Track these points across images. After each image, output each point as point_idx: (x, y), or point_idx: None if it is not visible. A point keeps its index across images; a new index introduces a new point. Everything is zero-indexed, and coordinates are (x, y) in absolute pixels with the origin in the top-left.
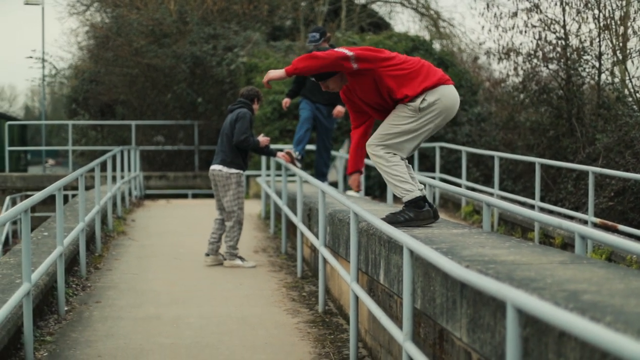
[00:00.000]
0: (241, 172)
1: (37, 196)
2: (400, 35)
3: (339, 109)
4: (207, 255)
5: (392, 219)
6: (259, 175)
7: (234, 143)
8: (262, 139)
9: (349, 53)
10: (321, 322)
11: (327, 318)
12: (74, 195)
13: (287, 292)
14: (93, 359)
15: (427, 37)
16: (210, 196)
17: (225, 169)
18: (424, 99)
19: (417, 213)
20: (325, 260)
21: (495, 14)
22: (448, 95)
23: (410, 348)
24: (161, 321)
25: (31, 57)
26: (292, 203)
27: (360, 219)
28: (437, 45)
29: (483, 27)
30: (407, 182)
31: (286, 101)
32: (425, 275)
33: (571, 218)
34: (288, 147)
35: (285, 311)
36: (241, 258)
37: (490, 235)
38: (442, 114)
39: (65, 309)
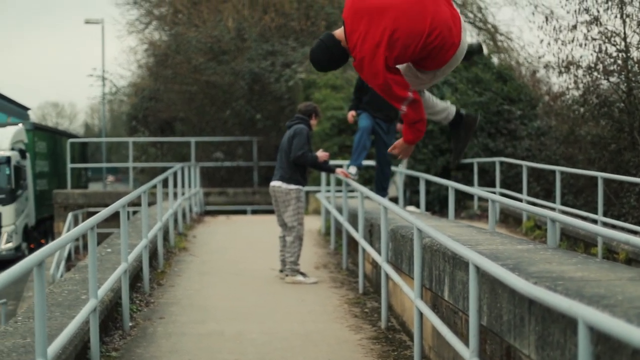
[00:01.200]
0: (300, 187)
1: (103, 213)
2: None
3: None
4: (281, 271)
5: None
6: (319, 191)
7: (292, 159)
8: (320, 154)
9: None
10: (384, 338)
11: (390, 334)
12: (134, 212)
13: (349, 309)
14: None
15: (485, 51)
16: (270, 212)
17: (284, 185)
18: None
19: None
20: (387, 277)
21: (554, 27)
22: None
23: None
24: (224, 337)
25: (92, 75)
26: (352, 219)
27: (424, 234)
28: (495, 59)
29: (542, 40)
30: None
31: (352, 114)
32: (491, 291)
33: (635, 233)
34: (347, 163)
35: (348, 327)
36: (303, 274)
37: (556, 251)
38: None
39: (130, 324)
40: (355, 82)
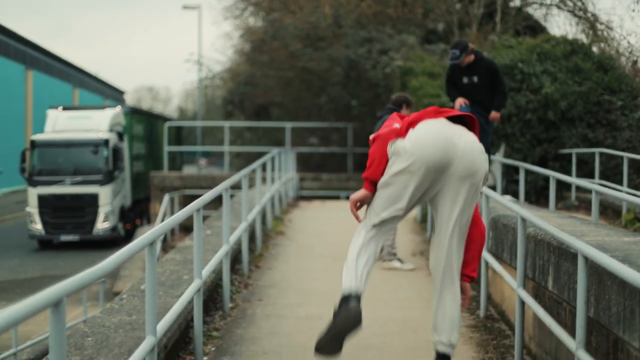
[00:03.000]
0: None
1: (208, 196)
2: (557, 39)
3: (494, 115)
4: (384, 260)
5: None
6: None
7: None
8: None
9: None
10: (483, 327)
11: (488, 323)
12: (231, 196)
13: None
14: (259, 356)
15: (585, 41)
16: None
17: None
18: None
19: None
20: (487, 266)
21: None
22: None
23: (583, 357)
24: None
25: (188, 61)
26: None
27: (529, 224)
28: (595, 49)
29: None
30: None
31: (464, 100)
32: (599, 283)
33: None
34: None
35: None
36: (399, 260)
37: None
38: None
39: (230, 305)
40: (447, 72)
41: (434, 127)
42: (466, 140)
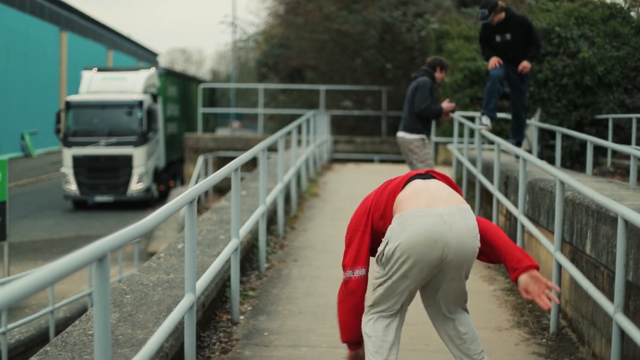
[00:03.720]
0: (423, 136)
1: (245, 156)
2: (596, 3)
3: (525, 64)
4: None
5: None
6: (449, 142)
7: (415, 112)
8: (446, 104)
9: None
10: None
11: None
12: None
13: None
14: (295, 315)
15: (624, 5)
16: (398, 161)
17: (407, 135)
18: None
19: None
20: (523, 229)
21: None
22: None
23: (621, 320)
24: None
25: (223, 22)
26: (485, 170)
27: (567, 187)
28: (633, 13)
29: None
30: None
31: (497, 59)
32: (638, 246)
33: None
34: (478, 115)
35: (482, 278)
36: None
37: None
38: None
39: (265, 266)
40: (479, 32)
41: (422, 222)
42: (457, 231)
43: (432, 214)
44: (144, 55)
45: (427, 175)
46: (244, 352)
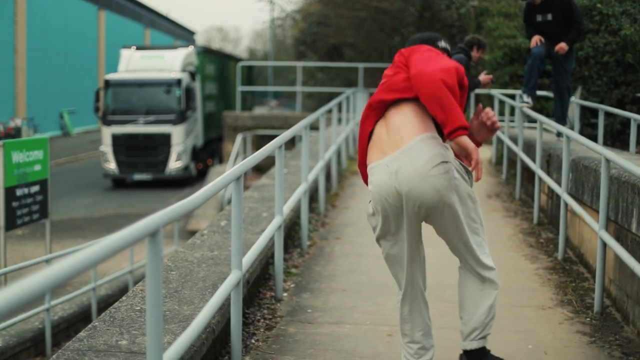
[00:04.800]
0: None
1: (289, 133)
2: None
3: (561, 45)
4: None
5: None
6: None
7: None
8: (483, 77)
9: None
10: (561, 269)
11: (566, 265)
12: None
13: (524, 238)
14: (338, 293)
15: None
16: None
17: None
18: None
19: None
20: (566, 207)
21: None
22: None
23: None
24: None
25: (261, 0)
26: (526, 149)
27: (613, 165)
28: None
29: None
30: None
31: (539, 38)
32: None
33: None
34: (519, 93)
35: (524, 257)
36: None
37: None
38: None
39: (308, 243)
40: (523, 12)
41: (374, 178)
42: (403, 178)
43: (380, 166)
44: (181, 34)
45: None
46: (288, 329)
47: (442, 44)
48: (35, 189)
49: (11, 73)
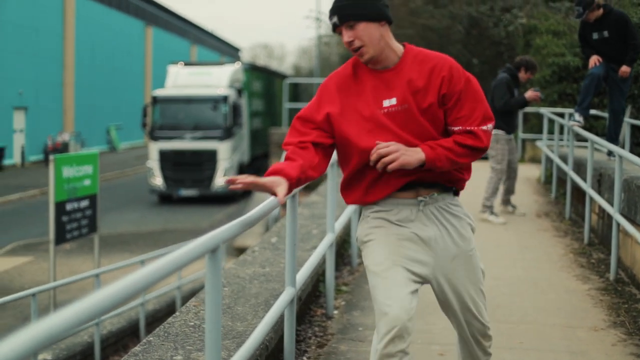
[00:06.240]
0: (501, 132)
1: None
2: None
3: (624, 69)
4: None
5: None
6: (537, 140)
7: (497, 110)
8: (530, 93)
9: None
10: (613, 290)
11: (619, 287)
12: None
13: (575, 258)
14: None
15: None
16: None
17: None
18: None
19: None
20: (618, 228)
21: None
22: None
23: None
24: None
25: (307, 17)
26: (577, 168)
27: None
28: None
29: None
30: None
31: (598, 58)
32: None
33: None
34: (568, 112)
35: (575, 277)
36: (494, 213)
37: None
38: None
39: (357, 261)
40: (578, 31)
41: None
42: None
43: None
44: (227, 51)
45: None
46: (340, 346)
47: None
48: (84, 203)
49: (60, 88)
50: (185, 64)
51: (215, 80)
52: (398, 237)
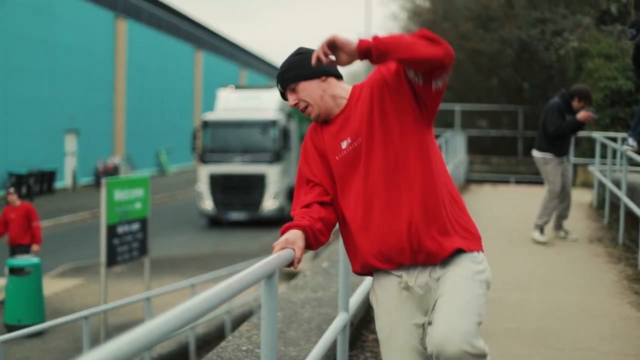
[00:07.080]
0: (550, 155)
1: None
2: None
3: None
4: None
5: None
6: (589, 164)
7: (550, 135)
8: (582, 114)
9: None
10: None
11: None
12: None
13: (629, 285)
14: None
15: None
16: (535, 182)
17: (539, 154)
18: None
19: None
20: None
21: None
22: None
23: None
24: (504, 305)
25: None
26: (630, 193)
27: None
28: None
29: None
30: None
31: None
32: None
33: None
34: (621, 136)
35: (629, 304)
36: (541, 231)
37: None
38: None
39: None
40: (632, 54)
41: None
42: None
43: None
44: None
45: None
46: None
47: None
48: (135, 226)
49: (111, 112)
50: (236, 88)
51: (265, 104)
52: (397, 292)
